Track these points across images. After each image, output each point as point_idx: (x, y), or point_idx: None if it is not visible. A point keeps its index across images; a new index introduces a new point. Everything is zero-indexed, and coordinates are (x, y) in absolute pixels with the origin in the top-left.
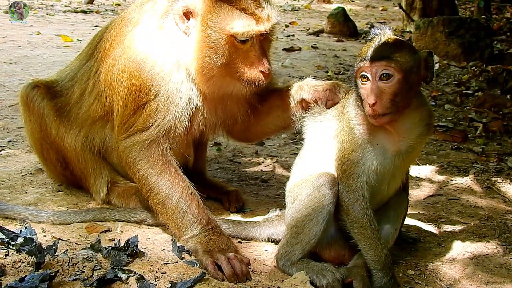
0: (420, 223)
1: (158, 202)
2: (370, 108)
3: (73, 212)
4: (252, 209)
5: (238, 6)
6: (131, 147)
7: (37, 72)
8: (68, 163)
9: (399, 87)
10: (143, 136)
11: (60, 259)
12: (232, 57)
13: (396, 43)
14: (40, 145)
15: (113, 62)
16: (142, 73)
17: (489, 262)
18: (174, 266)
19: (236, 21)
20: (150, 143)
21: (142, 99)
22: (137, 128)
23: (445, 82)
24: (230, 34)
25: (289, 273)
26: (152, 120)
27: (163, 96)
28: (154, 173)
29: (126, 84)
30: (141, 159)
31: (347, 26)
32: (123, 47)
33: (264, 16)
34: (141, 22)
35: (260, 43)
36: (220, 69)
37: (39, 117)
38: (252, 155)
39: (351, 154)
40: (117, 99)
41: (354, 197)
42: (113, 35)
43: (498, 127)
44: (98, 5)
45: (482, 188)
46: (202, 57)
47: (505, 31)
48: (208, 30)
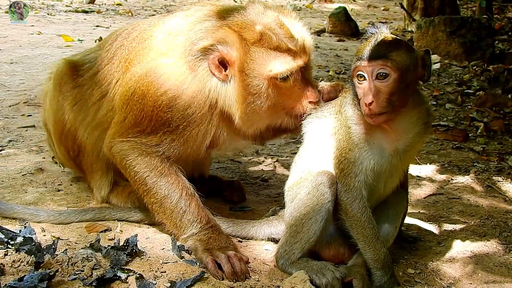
0: (420, 222)
1: (155, 202)
2: (367, 107)
3: (73, 212)
4: (252, 208)
5: (271, 46)
6: (129, 151)
7: (38, 72)
8: (80, 152)
9: (395, 86)
10: (145, 147)
11: (60, 259)
12: (277, 97)
13: (392, 42)
14: (61, 128)
15: (131, 77)
16: (172, 110)
17: (489, 261)
18: (173, 265)
19: (273, 62)
20: (152, 153)
21: (162, 129)
22: (141, 140)
23: (446, 81)
24: (270, 76)
25: (289, 272)
26: (162, 144)
27: (187, 135)
28: (153, 175)
29: (148, 110)
30: (138, 163)
31: (349, 26)
32: (147, 71)
33: (299, 48)
34: (171, 56)
35: (302, 75)
36: (267, 111)
37: (66, 101)
38: (252, 154)
39: (348, 153)
40: (127, 113)
41: (352, 196)
42: (135, 49)
43: (499, 127)
44: (99, 5)
45: (482, 187)
46: (246, 104)
47: (507, 31)
48: (247, 78)
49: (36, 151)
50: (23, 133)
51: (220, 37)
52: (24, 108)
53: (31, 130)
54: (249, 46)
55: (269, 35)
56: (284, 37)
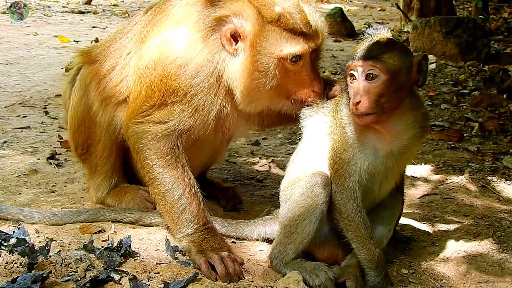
0: (414, 222)
1: (158, 193)
2: (354, 106)
3: (67, 213)
4: (247, 209)
5: (287, 27)
6: (142, 134)
7: (34, 73)
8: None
9: (384, 88)
10: (157, 128)
11: (53, 260)
12: (283, 79)
13: (386, 44)
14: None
15: (147, 51)
16: (180, 77)
17: (483, 260)
18: (167, 266)
19: (286, 43)
20: (163, 137)
21: (171, 99)
22: (154, 119)
23: (442, 81)
24: (280, 56)
25: (283, 272)
26: (172, 117)
27: (195, 104)
28: (160, 165)
29: (158, 80)
30: (149, 148)
31: (345, 26)
32: (161, 41)
33: (313, 32)
34: (185, 25)
35: (311, 61)
36: (270, 91)
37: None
38: (247, 155)
39: (342, 154)
40: (141, 87)
41: (346, 196)
42: (152, 22)
43: (494, 126)
44: (96, 5)
45: (477, 187)
46: (251, 80)
47: (503, 31)
48: (257, 54)
49: (30, 152)
50: (18, 134)
51: (237, 9)
52: (20, 109)
53: (26, 131)
54: (265, 24)
55: (287, 18)
56: (301, 22)
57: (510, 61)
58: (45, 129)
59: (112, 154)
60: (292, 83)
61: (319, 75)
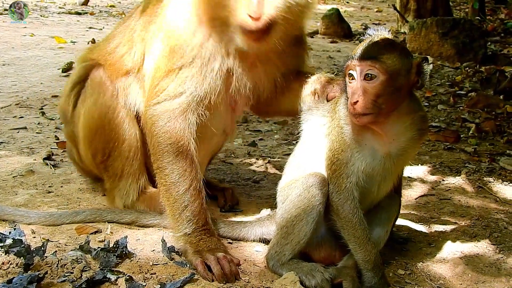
0: (411, 223)
1: (164, 184)
2: (352, 106)
3: (63, 213)
4: (244, 209)
5: None
6: (160, 115)
7: (30, 73)
8: (111, 156)
9: (382, 88)
10: (174, 103)
11: (49, 261)
12: None
13: (386, 45)
14: (96, 130)
15: (150, 19)
16: (178, 33)
17: (479, 261)
18: (163, 267)
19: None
20: (180, 114)
21: (176, 62)
22: (169, 94)
23: (438, 82)
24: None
25: (279, 273)
26: (185, 86)
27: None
28: (171, 151)
29: (161, 43)
30: (164, 132)
31: (341, 27)
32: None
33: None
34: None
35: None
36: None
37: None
38: (244, 155)
39: (340, 154)
40: (149, 60)
41: (344, 197)
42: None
43: (490, 128)
44: (93, 6)
45: (473, 188)
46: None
47: (499, 32)
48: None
49: (27, 153)
50: (15, 135)
51: None
52: (16, 110)
53: (22, 132)
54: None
55: None
56: None
57: (506, 62)
58: (41, 130)
59: (138, 152)
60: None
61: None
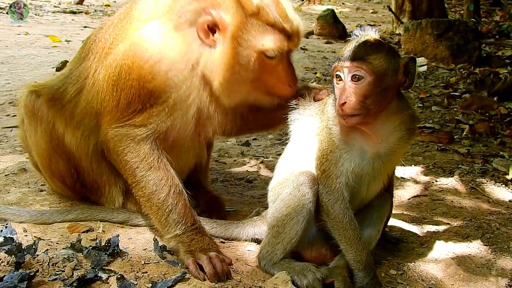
0: (403, 224)
1: (143, 195)
2: (340, 107)
3: (55, 212)
4: (236, 209)
5: (268, 21)
6: (122, 137)
7: (24, 72)
8: (80, 173)
9: (369, 89)
10: (137, 131)
11: (40, 259)
12: (261, 72)
13: (373, 45)
14: (49, 157)
15: (114, 58)
16: (155, 76)
17: (471, 262)
18: (155, 265)
19: (267, 38)
20: (141, 139)
21: (151, 102)
22: (134, 123)
23: (433, 84)
24: (261, 51)
25: (271, 273)
26: (152, 120)
27: (172, 101)
28: (142, 167)
29: (135, 84)
30: (130, 151)
31: (336, 28)
32: (130, 44)
33: (294, 30)
34: (153, 19)
35: (287, 57)
36: (248, 84)
37: (48, 126)
38: (237, 155)
39: (329, 155)
40: (119, 96)
41: (334, 197)
42: (114, 33)
43: (484, 129)
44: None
45: (466, 189)
46: (230, 73)
47: (494, 34)
48: (238, 47)
49: (20, 151)
50: (8, 133)
51: (214, 1)
52: (10, 109)
53: (15, 130)
54: (247, 16)
55: (266, 11)
56: (280, 16)
57: (501, 64)
58: None
59: (102, 162)
60: (269, 77)
61: (294, 71)
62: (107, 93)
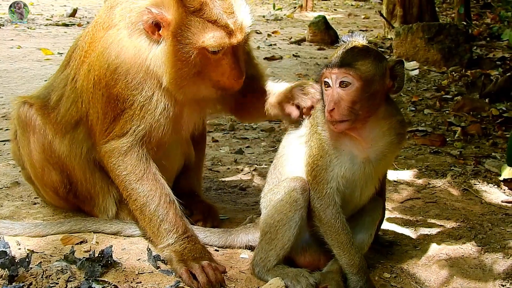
0: (397, 227)
1: (136, 208)
2: (328, 114)
3: (49, 224)
4: (230, 217)
5: (210, 18)
6: (110, 152)
7: (17, 86)
8: (73, 184)
9: (357, 95)
10: (120, 142)
11: (34, 272)
12: (204, 67)
13: (360, 51)
14: (42, 168)
15: (88, 68)
16: (116, 82)
17: (464, 263)
18: (149, 275)
19: (208, 35)
20: (127, 149)
21: (120, 107)
22: (116, 134)
23: (425, 87)
24: (201, 47)
25: (265, 279)
26: (128, 126)
27: (138, 104)
28: (132, 180)
29: (104, 92)
30: (119, 165)
31: (328, 34)
32: (98, 54)
33: (237, 26)
34: (111, 27)
35: (233, 51)
36: (192, 79)
37: (41, 136)
38: (231, 163)
39: (319, 160)
40: (96, 107)
41: (325, 203)
42: (88, 41)
43: (476, 131)
44: (80, 18)
45: (459, 190)
46: (175, 70)
47: (485, 37)
48: (178, 44)
49: (13, 165)
50: (1, 147)
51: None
52: (3, 122)
53: (8, 144)
54: (187, 13)
55: (209, 7)
56: (225, 12)
57: (492, 66)
58: None
59: (95, 171)
60: (213, 71)
61: (240, 65)
62: (89, 106)
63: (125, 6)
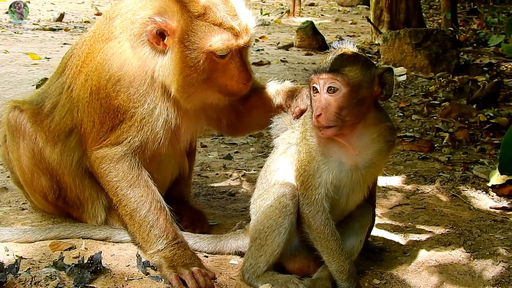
0: (386, 233)
1: (126, 214)
2: (315, 119)
3: (37, 230)
4: (219, 223)
5: (215, 21)
6: (102, 158)
7: (4, 90)
8: (62, 189)
9: (345, 101)
10: (113, 150)
11: (23, 278)
12: (212, 72)
13: (349, 57)
14: (31, 173)
15: (86, 78)
16: (118, 94)
17: (453, 269)
18: (138, 281)
19: (215, 38)
20: (120, 158)
21: (119, 118)
22: (110, 142)
23: (412, 93)
24: (209, 51)
25: (255, 286)
26: (124, 136)
27: (139, 116)
28: (123, 186)
29: (104, 103)
30: (110, 171)
31: (316, 40)
32: (96, 64)
33: (242, 28)
34: (112, 38)
35: (239, 54)
36: (201, 85)
37: (31, 142)
38: (220, 169)
39: (307, 166)
40: (92, 116)
41: (314, 209)
42: (85, 51)
43: (464, 136)
44: (67, 22)
45: (448, 196)
46: (183, 77)
47: (472, 43)
48: (186, 50)
49: (0, 170)
50: None
51: (158, 8)
52: None
53: None
54: (192, 18)
55: (213, 10)
56: (228, 14)
57: (479, 71)
58: None
59: (85, 178)
60: (221, 76)
61: (247, 68)
62: (83, 115)
63: (126, 17)
